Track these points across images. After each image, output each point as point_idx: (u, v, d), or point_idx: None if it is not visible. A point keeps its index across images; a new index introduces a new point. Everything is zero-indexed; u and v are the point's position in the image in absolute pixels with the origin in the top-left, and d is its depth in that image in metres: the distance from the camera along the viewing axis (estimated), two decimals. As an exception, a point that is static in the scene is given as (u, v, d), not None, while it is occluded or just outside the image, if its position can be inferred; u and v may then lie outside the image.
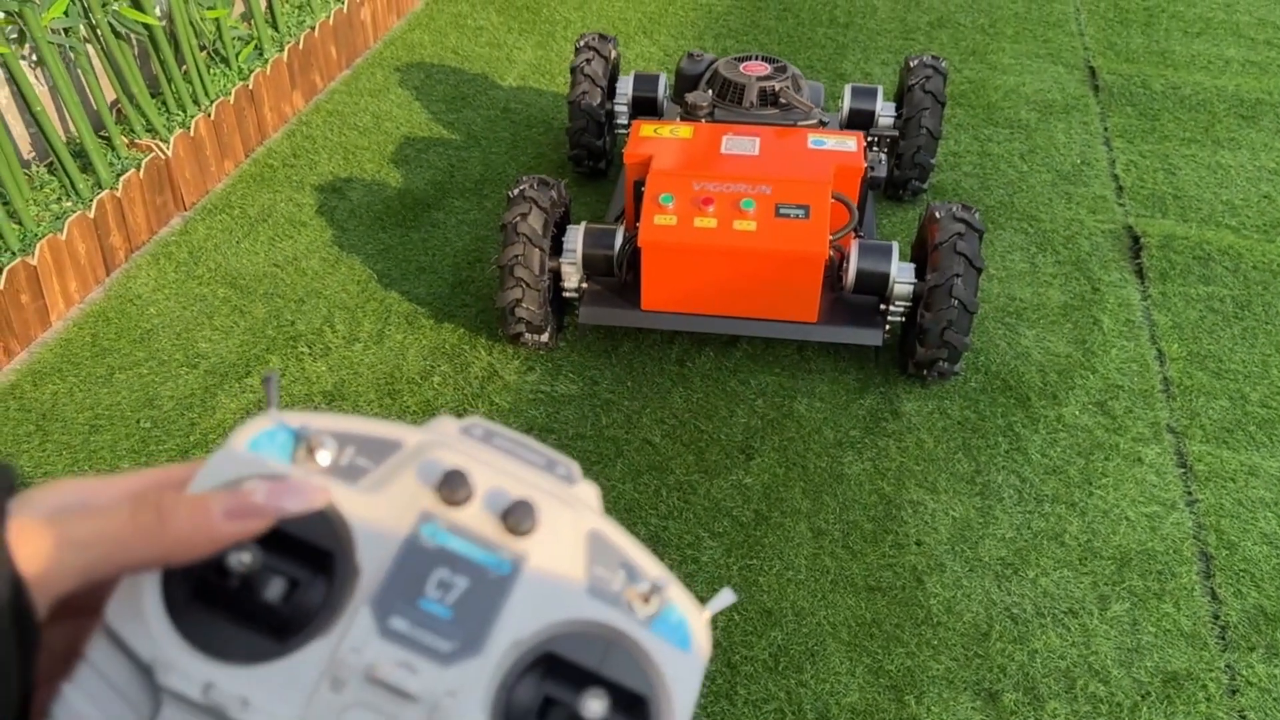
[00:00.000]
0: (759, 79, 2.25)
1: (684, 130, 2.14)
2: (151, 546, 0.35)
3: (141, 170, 2.36)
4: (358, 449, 0.39)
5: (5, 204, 2.11)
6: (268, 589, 0.36)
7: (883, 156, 2.19)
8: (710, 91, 2.27)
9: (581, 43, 2.54)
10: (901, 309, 2.01)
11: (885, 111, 2.48)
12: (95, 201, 2.25)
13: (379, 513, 0.37)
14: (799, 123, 2.22)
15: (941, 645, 1.61)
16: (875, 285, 1.99)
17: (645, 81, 2.55)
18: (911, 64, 2.46)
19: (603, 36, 2.55)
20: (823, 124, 2.25)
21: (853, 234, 2.06)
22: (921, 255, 2.02)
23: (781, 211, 1.93)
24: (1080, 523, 1.79)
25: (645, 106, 2.56)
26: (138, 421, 1.98)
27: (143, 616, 0.35)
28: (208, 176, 2.59)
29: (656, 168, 2.01)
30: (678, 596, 0.38)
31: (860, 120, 2.47)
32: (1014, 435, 1.94)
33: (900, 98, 2.50)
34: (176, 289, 2.30)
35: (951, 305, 1.89)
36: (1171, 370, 2.10)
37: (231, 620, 0.36)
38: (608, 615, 0.37)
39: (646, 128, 2.16)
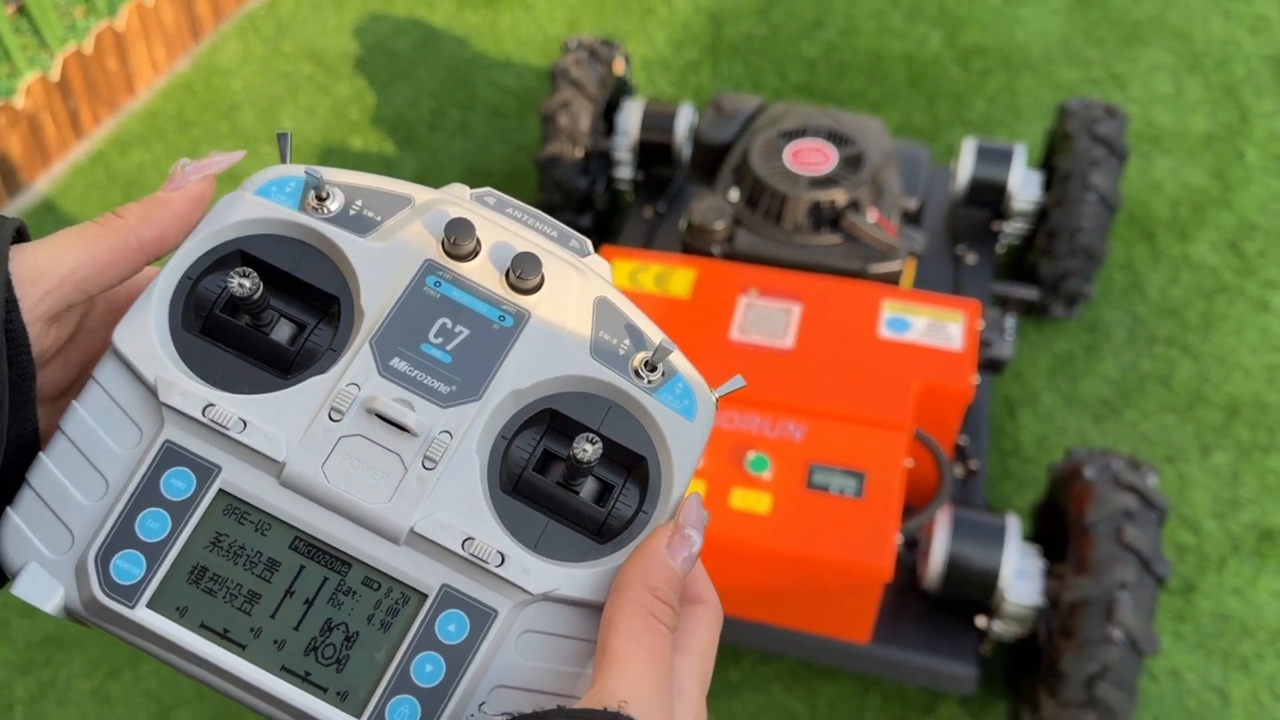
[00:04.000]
0: (813, 184, 1.37)
1: (678, 279, 1.33)
2: (117, 236, 0.36)
3: (228, -65, 2.26)
4: (366, 201, 0.39)
5: (90, -38, 2.05)
6: (276, 329, 0.38)
7: (1008, 325, 1.38)
8: (735, 193, 1.43)
9: (574, 43, 1.74)
10: (1016, 630, 1.25)
11: (1027, 185, 1.64)
12: (181, -35, 2.17)
13: (385, 261, 0.38)
14: (872, 268, 1.35)
15: (1027, 479, 1.54)
16: (974, 588, 1.22)
17: (658, 118, 1.72)
18: (1072, 107, 1.64)
19: (606, 41, 1.75)
20: (914, 255, 1.41)
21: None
22: (1054, 531, 1.27)
23: (817, 480, 1.14)
24: (1192, 367, 1.67)
25: (656, 155, 1.73)
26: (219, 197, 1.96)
27: (148, 340, 0.36)
28: (296, -54, 2.47)
29: None
30: (684, 368, 0.38)
31: (986, 197, 1.63)
32: (1133, 270, 1.80)
33: (1050, 158, 1.69)
34: (262, 64, 2.23)
35: (1111, 639, 1.12)
36: (1318, 213, 1.91)
37: (241, 358, 0.37)
38: (611, 377, 0.37)
39: (620, 266, 1.36)
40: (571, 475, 0.37)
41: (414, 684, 0.34)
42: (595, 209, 1.78)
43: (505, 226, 0.39)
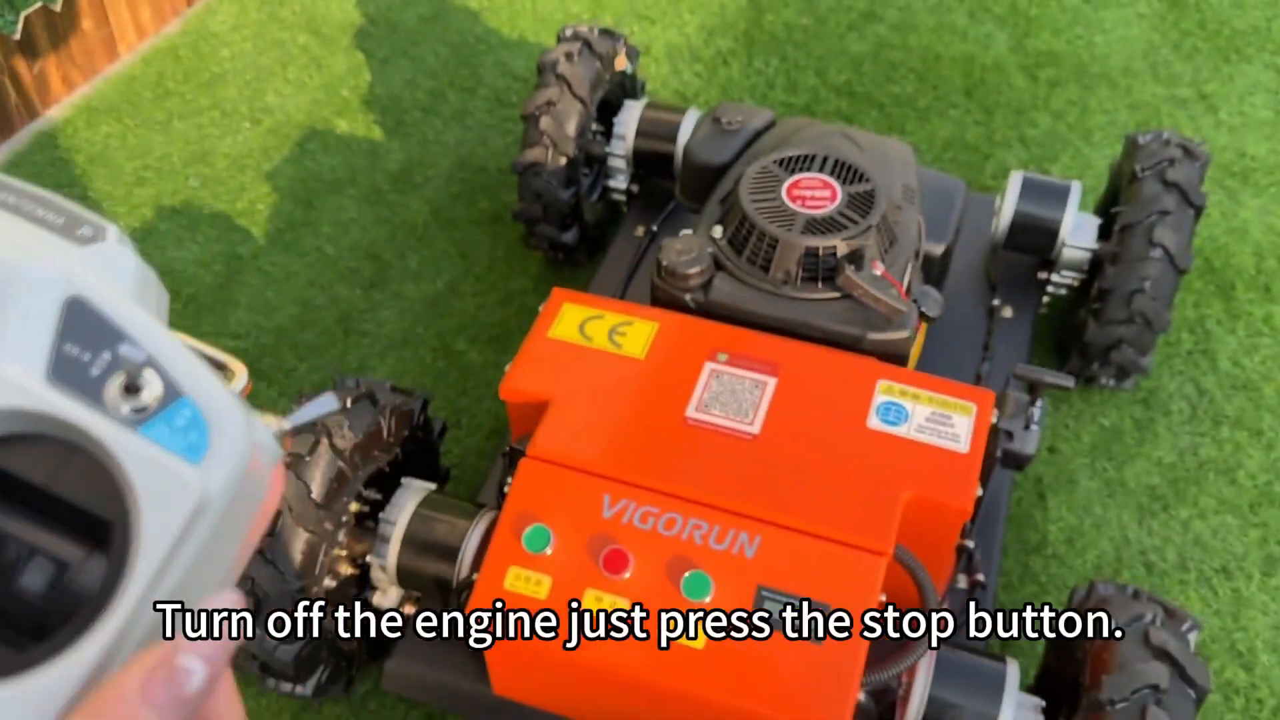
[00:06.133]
0: (810, 226, 1.11)
1: (635, 336, 1.09)
2: None
3: (229, -114, 2.08)
4: None
5: (73, -88, 1.88)
6: None
7: (1035, 413, 1.10)
8: (719, 230, 1.17)
9: (568, 33, 1.51)
10: None
11: (1081, 230, 1.39)
12: (172, -82, 2.00)
13: None
14: (870, 335, 1.09)
15: (1051, 583, 1.32)
16: None
17: (659, 125, 1.49)
18: (1141, 142, 1.39)
19: (606, 32, 1.52)
20: (925, 319, 1.11)
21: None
22: (1066, 672, 1.02)
23: (766, 610, 0.90)
24: (1263, 458, 1.42)
25: (655, 165, 1.51)
26: (186, 178, 1.79)
27: None
28: (308, -99, 2.28)
29: (543, 441, 0.99)
30: (198, 386, 0.29)
31: (1031, 242, 1.39)
32: (1203, 332, 1.55)
33: (1110, 203, 1.43)
34: (255, 30, 2.06)
35: None
36: None
37: None
38: (69, 409, 0.29)
39: (570, 313, 1.11)
40: None
41: None
42: (583, 222, 1.56)
43: None
